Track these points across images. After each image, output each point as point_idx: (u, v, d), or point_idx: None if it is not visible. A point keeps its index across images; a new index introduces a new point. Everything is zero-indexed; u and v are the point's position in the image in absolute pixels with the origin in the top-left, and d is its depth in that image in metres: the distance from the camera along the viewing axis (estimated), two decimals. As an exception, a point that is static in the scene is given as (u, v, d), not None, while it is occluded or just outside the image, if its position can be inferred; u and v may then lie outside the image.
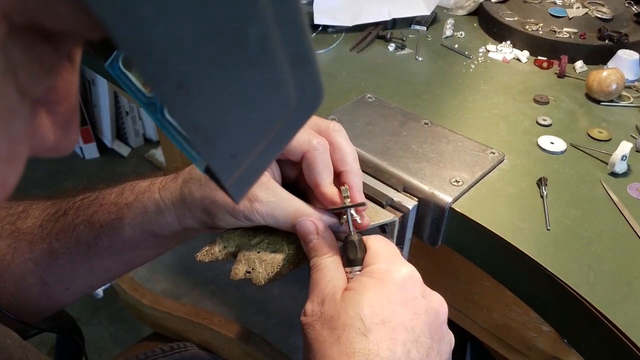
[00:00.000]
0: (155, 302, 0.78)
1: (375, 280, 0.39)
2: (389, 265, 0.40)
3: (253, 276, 0.45)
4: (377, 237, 0.44)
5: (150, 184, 0.49)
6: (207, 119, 0.18)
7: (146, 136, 2.37)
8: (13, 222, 0.50)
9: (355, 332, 0.36)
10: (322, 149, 0.45)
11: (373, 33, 0.88)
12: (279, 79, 0.19)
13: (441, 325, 0.39)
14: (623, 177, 0.60)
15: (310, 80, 0.21)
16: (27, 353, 0.38)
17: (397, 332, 0.36)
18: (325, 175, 0.45)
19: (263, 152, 0.21)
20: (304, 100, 0.21)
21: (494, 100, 0.74)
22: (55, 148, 0.20)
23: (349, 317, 0.36)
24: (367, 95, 0.71)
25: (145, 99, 0.22)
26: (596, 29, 0.84)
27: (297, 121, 0.22)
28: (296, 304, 0.78)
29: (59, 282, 0.50)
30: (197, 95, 0.17)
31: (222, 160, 0.20)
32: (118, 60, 0.23)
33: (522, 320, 0.71)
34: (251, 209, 0.44)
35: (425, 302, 0.39)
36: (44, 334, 0.58)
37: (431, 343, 0.38)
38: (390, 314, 0.37)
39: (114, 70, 0.23)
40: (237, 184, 0.22)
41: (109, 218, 0.48)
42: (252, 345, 0.71)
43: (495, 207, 0.55)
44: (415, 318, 0.38)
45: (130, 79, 0.23)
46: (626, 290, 0.47)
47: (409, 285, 0.39)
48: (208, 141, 0.18)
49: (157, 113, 0.22)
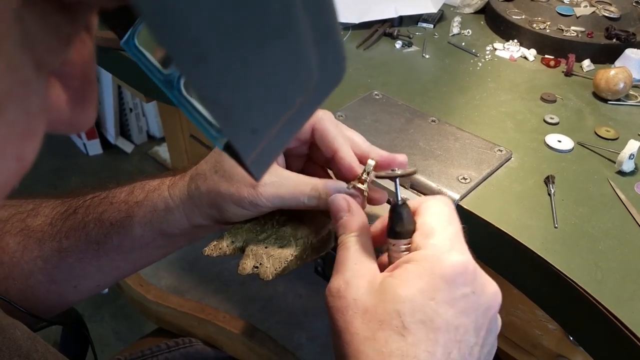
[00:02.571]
0: (160, 297, 0.78)
1: (421, 270, 0.34)
2: (441, 253, 0.34)
3: (261, 271, 0.45)
4: (435, 203, 0.38)
5: (160, 183, 0.49)
6: (229, 93, 0.17)
7: (150, 133, 2.37)
8: (23, 219, 0.50)
9: (391, 330, 0.33)
10: (328, 117, 0.44)
11: (380, 30, 0.88)
12: (302, 52, 0.18)
13: (491, 318, 0.36)
14: (630, 175, 0.60)
15: (333, 54, 0.20)
16: (36, 344, 0.38)
17: (439, 333, 0.33)
18: (341, 140, 0.44)
19: (283, 128, 0.21)
20: (326, 75, 0.20)
21: (501, 98, 0.74)
22: (73, 124, 0.20)
23: (387, 313, 0.33)
24: (374, 93, 0.71)
25: (162, 76, 0.22)
26: (604, 27, 0.84)
27: (319, 96, 0.21)
28: (301, 301, 0.78)
29: (67, 280, 0.50)
30: (218, 68, 0.16)
31: (242, 136, 0.19)
32: (134, 37, 0.23)
33: (528, 318, 0.71)
34: (256, 194, 0.43)
35: (475, 299, 0.34)
36: (47, 328, 0.58)
37: (476, 340, 0.34)
38: (433, 313, 0.33)
39: (129, 48, 0.23)
40: (257, 161, 0.22)
41: (119, 216, 0.48)
42: (256, 341, 0.71)
43: (502, 205, 0.55)
44: (461, 317, 0.34)
45: (147, 56, 0.23)
46: (634, 288, 0.47)
47: (459, 280, 0.34)
48: (229, 116, 0.18)
49: (174, 90, 0.21)
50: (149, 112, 2.29)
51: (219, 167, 0.46)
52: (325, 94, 0.22)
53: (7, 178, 0.17)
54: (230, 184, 0.44)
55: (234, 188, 0.44)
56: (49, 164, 2.23)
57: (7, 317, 0.39)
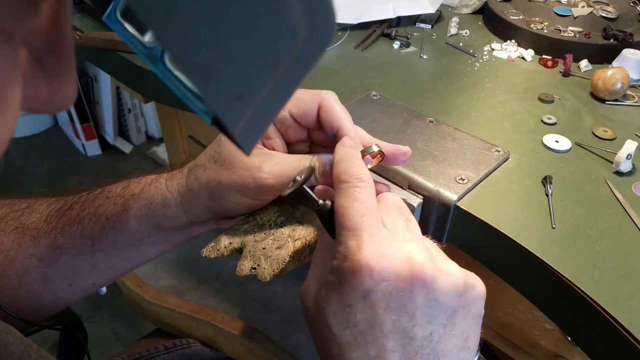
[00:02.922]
0: (158, 298, 0.78)
1: (336, 282, 0.35)
2: (352, 260, 0.34)
3: (259, 272, 0.46)
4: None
5: (157, 176, 0.49)
6: (205, 50, 0.16)
7: (148, 133, 2.37)
8: (17, 217, 0.50)
9: (327, 339, 0.35)
10: (333, 97, 0.44)
11: (378, 31, 0.88)
12: (285, 1, 0.17)
13: (421, 294, 0.34)
14: (628, 176, 0.60)
15: (321, 7, 0.18)
16: (29, 350, 0.38)
17: (366, 334, 0.34)
18: (346, 118, 0.44)
19: (272, 95, 0.19)
20: (314, 33, 0.18)
21: (499, 98, 0.74)
22: (51, 101, 0.19)
23: (322, 324, 0.36)
24: (372, 93, 0.71)
25: (145, 49, 0.21)
26: (601, 28, 0.84)
27: (308, 58, 0.20)
28: (299, 301, 0.78)
29: (62, 279, 0.50)
30: (190, 21, 0.15)
31: (226, 103, 0.18)
32: (116, 12, 0.22)
33: (526, 318, 0.71)
34: (259, 177, 0.43)
35: (389, 290, 0.34)
36: (45, 330, 0.58)
37: (411, 322, 0.34)
38: (354, 319, 0.34)
39: (112, 22, 0.22)
40: (246, 132, 0.20)
41: (114, 210, 0.48)
42: (255, 342, 0.72)
43: (500, 205, 0.55)
44: (383, 313, 0.34)
45: (129, 30, 0.22)
46: (631, 289, 0.47)
47: (368, 284, 0.34)
48: (209, 78, 0.17)
49: (157, 62, 0.21)
50: (148, 112, 2.29)
51: (218, 157, 0.45)
52: (316, 54, 0.20)
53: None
54: (231, 171, 0.44)
55: (237, 175, 0.44)
56: (48, 164, 2.23)
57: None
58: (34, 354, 0.38)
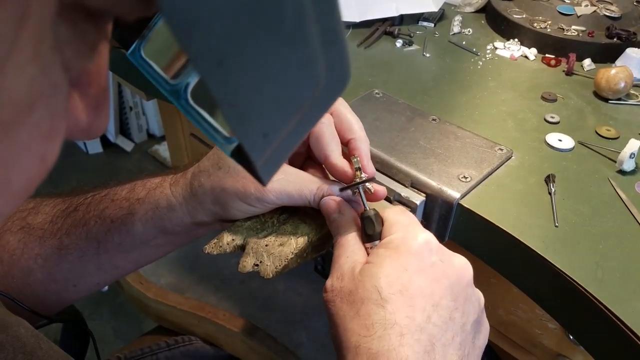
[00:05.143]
0: (160, 295, 0.78)
1: (391, 251, 0.39)
2: (404, 234, 0.40)
3: (261, 269, 0.45)
4: (393, 209, 0.44)
5: (162, 180, 0.49)
6: (243, 95, 0.18)
7: (150, 132, 2.37)
8: (23, 217, 0.50)
9: (372, 304, 0.36)
10: (327, 121, 0.45)
11: (380, 29, 0.88)
12: (311, 57, 0.19)
13: (465, 286, 0.39)
14: (631, 174, 0.60)
15: (340, 59, 0.21)
16: (40, 342, 0.38)
17: (415, 299, 0.36)
18: (334, 146, 0.45)
19: (292, 132, 0.22)
20: (332, 80, 0.21)
21: (502, 97, 0.74)
22: (87, 129, 0.21)
23: (366, 290, 0.37)
24: (375, 91, 0.71)
25: (168, 86, 0.22)
26: (604, 27, 0.84)
27: (325, 101, 0.22)
28: (300, 299, 0.78)
29: (67, 279, 0.50)
30: (235, 71, 0.17)
31: (254, 139, 0.20)
32: (140, 49, 0.23)
33: (528, 317, 0.71)
34: (263, 190, 0.44)
35: (444, 267, 0.38)
36: (47, 326, 0.58)
37: (455, 305, 0.37)
38: (407, 282, 0.37)
39: (136, 59, 0.23)
40: (266, 165, 0.22)
41: (120, 213, 0.48)
42: (256, 339, 0.71)
43: (503, 204, 0.55)
44: (434, 283, 0.37)
45: (153, 67, 0.23)
46: (634, 287, 0.47)
47: (424, 251, 0.39)
48: (243, 119, 0.19)
49: (180, 100, 0.22)
50: (149, 110, 2.28)
51: (222, 164, 0.46)
52: (332, 98, 0.22)
53: (30, 177, 0.18)
54: (235, 179, 0.45)
55: (240, 184, 0.44)
56: (49, 162, 2.23)
57: (12, 315, 0.39)
58: (45, 346, 0.39)
